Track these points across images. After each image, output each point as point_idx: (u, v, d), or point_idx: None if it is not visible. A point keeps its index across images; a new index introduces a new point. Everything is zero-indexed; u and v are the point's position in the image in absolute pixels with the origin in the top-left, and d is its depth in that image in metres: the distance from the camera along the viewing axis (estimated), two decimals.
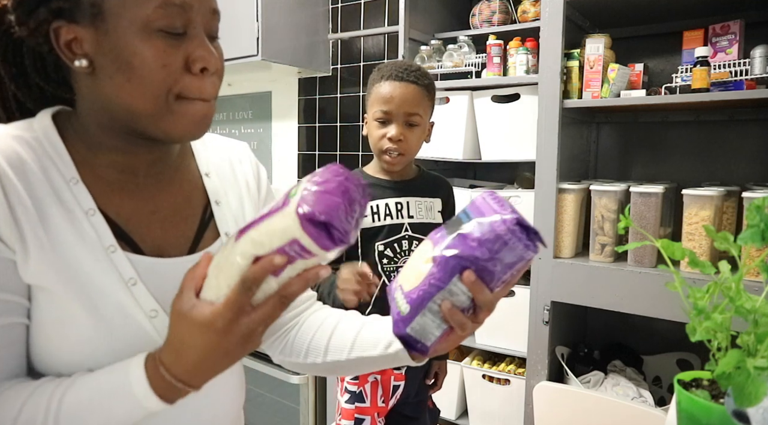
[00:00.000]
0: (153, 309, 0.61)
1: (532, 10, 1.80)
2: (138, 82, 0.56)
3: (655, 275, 1.41)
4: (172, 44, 0.56)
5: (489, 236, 0.56)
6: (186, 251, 0.67)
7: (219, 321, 0.51)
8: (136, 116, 0.59)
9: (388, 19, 2.33)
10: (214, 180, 0.73)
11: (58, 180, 0.59)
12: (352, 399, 1.36)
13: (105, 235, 0.60)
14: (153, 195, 0.66)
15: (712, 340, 0.60)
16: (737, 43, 1.45)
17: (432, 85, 1.33)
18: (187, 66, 0.57)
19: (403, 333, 0.63)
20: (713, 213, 1.37)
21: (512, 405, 1.74)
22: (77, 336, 0.57)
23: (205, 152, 0.75)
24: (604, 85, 1.51)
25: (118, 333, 0.59)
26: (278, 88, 2.77)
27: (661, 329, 1.73)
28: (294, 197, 0.50)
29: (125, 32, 0.55)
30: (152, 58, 0.55)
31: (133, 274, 0.60)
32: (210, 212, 0.71)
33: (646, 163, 1.82)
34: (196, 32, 0.58)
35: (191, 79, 0.58)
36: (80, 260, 0.58)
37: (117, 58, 0.56)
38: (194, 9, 0.57)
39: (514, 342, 1.73)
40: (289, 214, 0.49)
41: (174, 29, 0.56)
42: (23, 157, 0.58)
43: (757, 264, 0.60)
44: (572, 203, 1.58)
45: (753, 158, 1.64)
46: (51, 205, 0.58)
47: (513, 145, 1.74)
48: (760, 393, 0.51)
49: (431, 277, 0.59)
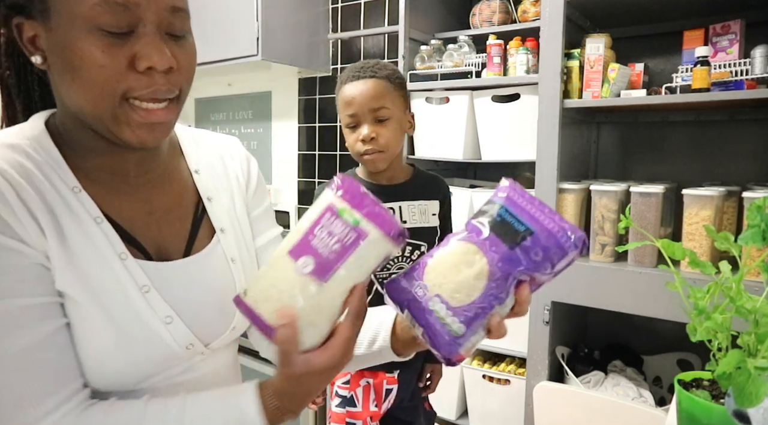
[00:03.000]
0: (168, 315, 0.61)
1: (532, 9, 1.80)
2: (81, 83, 0.55)
3: (655, 275, 1.41)
4: (114, 43, 0.54)
5: (555, 251, 0.55)
6: (183, 250, 0.67)
7: (341, 359, 0.55)
8: (88, 118, 0.57)
9: (388, 19, 2.33)
10: (204, 177, 0.72)
11: (62, 188, 0.59)
12: (343, 404, 1.34)
13: (116, 242, 0.60)
14: (147, 196, 0.66)
15: (713, 340, 0.60)
16: (738, 42, 1.45)
17: (395, 74, 1.28)
18: (133, 65, 0.55)
19: (456, 354, 0.57)
20: (714, 213, 1.36)
21: (512, 406, 1.74)
22: (97, 343, 0.58)
23: (195, 149, 0.74)
24: (604, 85, 1.51)
25: (137, 341, 0.59)
26: (278, 89, 2.77)
27: (661, 329, 1.73)
28: (361, 223, 0.54)
29: (67, 29, 0.54)
30: (90, 57, 0.53)
31: (146, 281, 0.60)
32: (202, 209, 0.70)
33: (646, 163, 1.82)
34: (145, 30, 0.55)
35: (137, 78, 0.55)
36: (95, 268, 0.58)
37: (62, 56, 0.55)
38: (141, 6, 0.54)
39: (515, 342, 1.72)
40: (380, 238, 0.54)
41: (117, 28, 0.54)
42: (27, 166, 0.57)
43: (758, 264, 0.60)
44: (572, 203, 1.58)
45: (753, 158, 1.63)
46: (62, 214, 0.57)
47: (513, 145, 1.74)
48: (760, 394, 0.51)
49: (489, 295, 0.56)
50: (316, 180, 2.63)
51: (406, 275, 0.60)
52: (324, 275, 0.54)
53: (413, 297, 0.58)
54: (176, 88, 0.59)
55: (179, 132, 0.75)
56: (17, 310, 0.53)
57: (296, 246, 0.55)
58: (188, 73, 0.61)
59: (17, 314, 0.53)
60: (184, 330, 0.62)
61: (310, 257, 0.54)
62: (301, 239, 0.55)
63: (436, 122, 1.85)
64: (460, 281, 0.57)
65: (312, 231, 0.55)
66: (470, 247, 0.57)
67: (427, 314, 0.57)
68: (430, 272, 0.59)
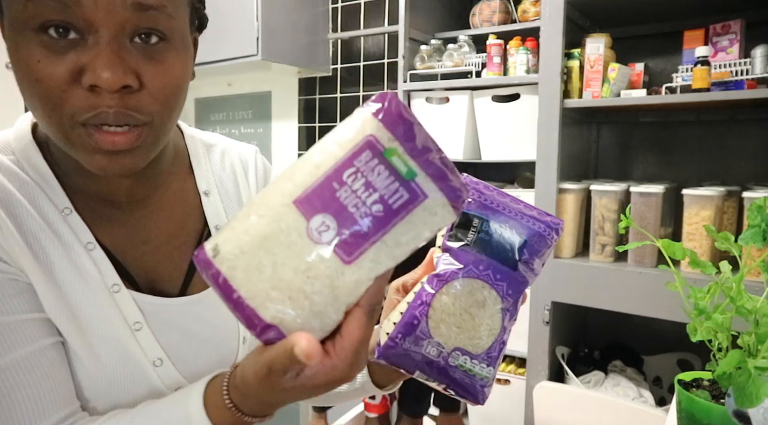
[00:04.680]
0: (158, 358, 0.55)
1: (532, 9, 1.80)
2: (27, 97, 0.46)
3: (655, 275, 1.41)
4: (55, 50, 0.43)
5: (545, 250, 0.51)
6: (180, 285, 0.59)
7: (348, 372, 0.39)
8: (51, 137, 0.48)
9: (388, 19, 2.32)
10: (214, 200, 0.63)
11: (49, 211, 0.52)
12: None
13: (107, 272, 0.53)
14: (143, 223, 0.58)
15: (713, 340, 0.60)
16: (738, 42, 1.44)
17: None
18: (79, 80, 0.44)
19: (488, 395, 0.50)
20: (714, 213, 1.36)
21: (512, 405, 1.74)
22: (80, 372, 0.52)
23: (207, 164, 0.65)
24: (604, 85, 1.51)
25: (120, 382, 0.53)
26: (278, 88, 2.77)
27: (661, 329, 1.73)
28: (419, 178, 0.36)
29: (9, 33, 0.45)
30: (27, 68, 0.44)
31: (139, 317, 0.54)
32: (207, 237, 0.61)
33: (646, 163, 1.82)
34: (97, 37, 0.44)
35: (82, 97, 0.44)
36: (81, 301, 0.51)
37: (12, 65, 0.46)
38: (84, 3, 0.42)
39: (515, 342, 1.72)
40: (443, 205, 0.37)
41: (59, 32, 0.43)
42: (7, 187, 0.50)
43: (758, 264, 0.60)
44: (572, 203, 1.58)
45: (754, 158, 1.63)
46: (46, 242, 0.50)
47: (513, 145, 1.74)
48: (761, 394, 0.51)
49: (506, 324, 0.50)
50: None
51: (404, 335, 0.48)
52: (351, 251, 0.36)
53: (426, 360, 0.48)
54: (138, 114, 0.46)
55: (191, 143, 0.65)
56: (11, 326, 0.48)
57: (309, 194, 0.36)
58: (161, 95, 0.47)
59: (11, 331, 0.48)
60: (174, 373, 0.56)
61: (331, 219, 0.35)
62: (318, 183, 0.36)
63: (436, 122, 1.85)
64: (477, 326, 0.49)
65: (340, 175, 0.35)
66: (475, 284, 0.49)
67: (450, 372, 0.49)
68: (439, 325, 0.48)
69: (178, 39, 0.49)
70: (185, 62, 0.50)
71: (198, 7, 0.55)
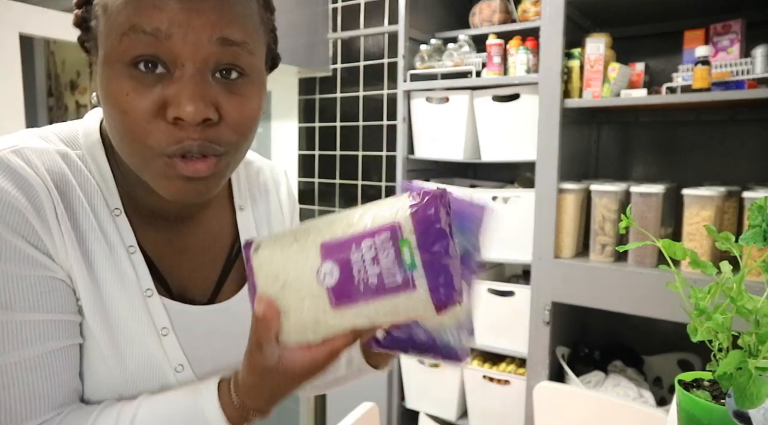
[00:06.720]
0: (180, 364, 0.57)
1: (532, 9, 1.80)
2: (113, 129, 0.49)
3: (655, 275, 1.41)
4: (143, 84, 0.46)
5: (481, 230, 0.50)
6: (209, 294, 0.62)
7: (322, 364, 0.47)
8: (130, 164, 0.51)
9: (388, 19, 2.32)
10: (247, 215, 0.67)
11: (102, 210, 0.54)
12: None
13: (144, 277, 0.55)
14: (183, 233, 0.61)
15: (714, 341, 0.60)
16: (738, 42, 1.44)
17: None
18: (164, 113, 0.47)
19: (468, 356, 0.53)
20: (714, 213, 1.36)
21: (512, 406, 1.74)
22: (101, 370, 0.54)
23: (245, 180, 0.68)
24: (604, 85, 1.51)
25: (139, 383, 0.55)
26: (278, 88, 2.76)
27: (661, 329, 1.73)
28: (416, 272, 0.42)
29: (101, 65, 0.48)
30: (114, 100, 0.47)
31: (167, 323, 0.56)
32: (237, 251, 0.65)
33: (646, 163, 1.82)
34: (183, 71, 0.46)
35: (166, 130, 0.47)
36: (116, 301, 0.54)
37: (101, 97, 0.49)
38: (174, 38, 0.45)
39: (515, 342, 1.72)
40: (423, 302, 0.43)
41: (147, 67, 0.46)
42: (70, 180, 0.53)
43: (759, 264, 0.59)
44: (573, 203, 1.58)
45: (754, 158, 1.63)
46: (94, 240, 0.53)
47: (513, 145, 1.74)
48: (761, 394, 0.51)
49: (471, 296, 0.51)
50: (315, 180, 2.63)
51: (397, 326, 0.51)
52: (338, 299, 0.44)
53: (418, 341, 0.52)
54: (218, 145, 0.49)
55: None
56: (29, 324, 0.49)
57: (333, 244, 0.45)
58: (238, 127, 0.50)
59: (28, 329, 0.49)
60: (193, 379, 0.58)
61: (337, 268, 0.44)
62: (343, 239, 0.45)
63: (435, 121, 1.85)
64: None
65: (360, 241, 0.44)
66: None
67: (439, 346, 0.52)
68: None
69: (256, 74, 0.52)
70: (260, 96, 0.53)
71: (273, 47, 0.58)
